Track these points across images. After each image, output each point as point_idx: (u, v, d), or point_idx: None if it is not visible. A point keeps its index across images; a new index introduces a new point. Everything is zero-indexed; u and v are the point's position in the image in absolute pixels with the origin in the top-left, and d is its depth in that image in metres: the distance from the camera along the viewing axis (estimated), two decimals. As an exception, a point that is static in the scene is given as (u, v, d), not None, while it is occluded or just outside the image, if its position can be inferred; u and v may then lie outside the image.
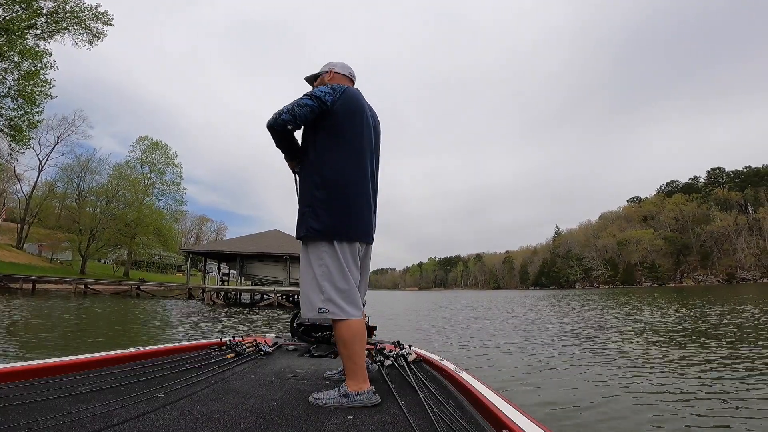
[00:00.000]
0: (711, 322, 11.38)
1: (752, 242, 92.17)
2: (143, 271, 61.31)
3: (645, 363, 6.18)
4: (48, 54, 27.00)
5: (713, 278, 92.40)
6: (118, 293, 32.07)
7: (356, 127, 1.96)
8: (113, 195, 46.13)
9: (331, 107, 1.88)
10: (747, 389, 4.59)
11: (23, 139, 28.50)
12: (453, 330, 11.38)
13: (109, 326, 10.91)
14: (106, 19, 28.23)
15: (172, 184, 52.82)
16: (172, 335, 9.57)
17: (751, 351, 6.89)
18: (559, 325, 11.92)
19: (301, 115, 1.84)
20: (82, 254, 44.36)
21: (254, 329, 11.07)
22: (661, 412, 3.90)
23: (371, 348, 3.07)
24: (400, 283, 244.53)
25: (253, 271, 28.35)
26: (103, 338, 8.61)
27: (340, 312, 1.77)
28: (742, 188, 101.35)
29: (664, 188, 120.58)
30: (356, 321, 1.81)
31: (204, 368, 2.17)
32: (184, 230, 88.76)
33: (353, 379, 1.75)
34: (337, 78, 2.16)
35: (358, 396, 1.71)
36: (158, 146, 52.29)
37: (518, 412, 1.32)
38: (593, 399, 4.37)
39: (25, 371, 1.72)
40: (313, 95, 1.88)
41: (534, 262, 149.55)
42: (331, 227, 1.83)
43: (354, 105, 1.96)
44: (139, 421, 1.31)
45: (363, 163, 1.96)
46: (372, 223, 2.01)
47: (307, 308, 1.84)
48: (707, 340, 8.24)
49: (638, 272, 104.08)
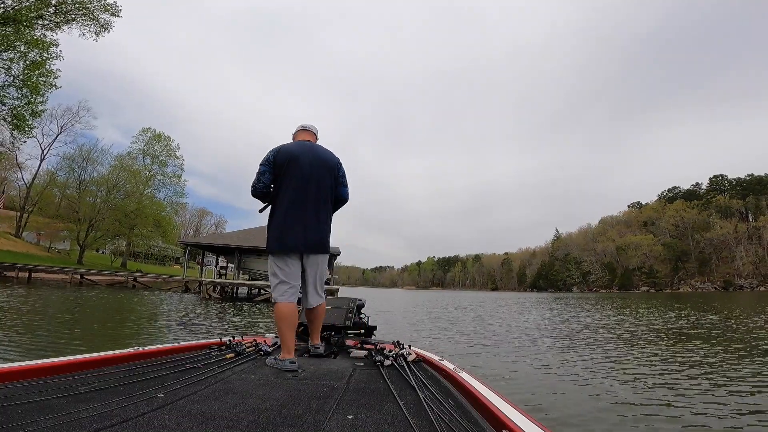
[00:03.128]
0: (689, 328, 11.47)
1: (751, 250, 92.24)
2: (141, 263, 61.33)
3: (626, 365, 6.21)
4: (55, 45, 27.05)
5: (710, 285, 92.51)
6: (114, 284, 32.12)
7: (292, 170, 2.75)
8: (114, 185, 46.13)
9: (273, 163, 2.78)
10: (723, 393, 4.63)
11: (26, 128, 28.52)
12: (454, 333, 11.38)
13: (97, 319, 10.92)
14: (114, 10, 28.13)
15: (173, 176, 53.06)
16: (160, 331, 9.57)
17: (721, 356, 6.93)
18: (553, 327, 12.00)
19: (257, 181, 2.81)
20: (80, 244, 44.38)
21: (246, 325, 11.07)
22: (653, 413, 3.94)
23: (371, 347, 3.06)
24: (398, 281, 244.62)
25: (250, 266, 28.39)
26: (80, 333, 8.59)
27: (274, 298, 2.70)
28: (744, 196, 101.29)
29: (666, 194, 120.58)
30: (282, 305, 2.62)
31: (204, 368, 2.16)
32: (184, 222, 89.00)
33: (281, 349, 2.54)
34: (295, 134, 3.06)
35: (281, 362, 2.34)
36: (161, 138, 52.44)
37: (518, 412, 1.32)
38: (581, 400, 4.42)
39: (24, 371, 1.72)
40: (260, 164, 2.82)
41: (532, 265, 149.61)
42: (268, 245, 2.75)
43: (285, 155, 2.78)
44: (138, 421, 1.30)
45: (297, 196, 2.72)
46: (308, 238, 2.71)
47: None
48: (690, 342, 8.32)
49: (636, 277, 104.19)
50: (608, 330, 11.80)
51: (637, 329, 12.01)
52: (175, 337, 8.36)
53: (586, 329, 12.05)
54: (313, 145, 2.92)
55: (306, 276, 2.79)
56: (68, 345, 6.70)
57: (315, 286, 2.83)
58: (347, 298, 3.75)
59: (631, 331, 11.43)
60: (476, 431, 1.31)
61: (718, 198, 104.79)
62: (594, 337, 10.34)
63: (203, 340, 3.04)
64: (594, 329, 12.03)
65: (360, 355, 2.83)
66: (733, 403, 4.46)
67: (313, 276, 2.81)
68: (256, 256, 27.84)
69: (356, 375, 2.28)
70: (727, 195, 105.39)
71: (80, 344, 6.83)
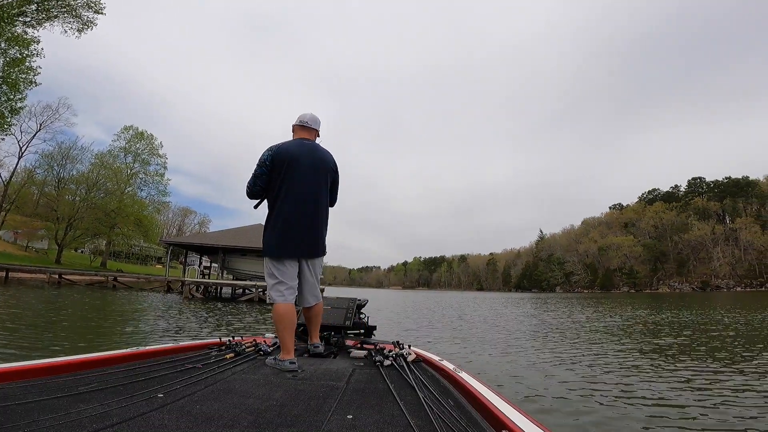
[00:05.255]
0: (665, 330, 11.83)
1: (728, 252, 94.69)
2: (122, 263, 60.17)
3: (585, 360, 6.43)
4: (36, 41, 26.56)
5: (688, 286, 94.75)
6: (93, 284, 31.48)
7: (292, 172, 2.70)
8: (94, 183, 45.26)
9: (270, 164, 2.71)
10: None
11: (4, 126, 27.85)
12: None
13: (75, 319, 10.75)
14: (97, 8, 27.77)
15: (156, 175, 52.18)
16: (134, 332, 9.48)
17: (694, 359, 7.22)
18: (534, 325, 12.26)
19: (253, 183, 2.76)
20: (59, 243, 43.42)
21: (225, 324, 11.03)
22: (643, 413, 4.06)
23: (371, 347, 3.08)
24: (384, 281, 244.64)
25: (235, 265, 28.06)
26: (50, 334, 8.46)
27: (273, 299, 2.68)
28: (721, 198, 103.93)
29: (646, 196, 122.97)
30: (281, 306, 2.60)
31: (203, 368, 2.16)
32: (167, 222, 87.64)
33: (281, 350, 2.52)
34: (294, 130, 2.97)
35: (281, 362, 2.35)
36: (143, 136, 51.52)
37: (518, 411, 1.33)
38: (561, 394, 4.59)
39: (24, 371, 1.72)
40: (257, 165, 2.74)
41: (517, 265, 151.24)
42: (264, 248, 2.72)
43: (283, 157, 2.71)
44: (138, 420, 1.31)
45: (296, 199, 2.69)
46: (306, 240, 2.71)
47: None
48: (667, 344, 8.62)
49: (616, 278, 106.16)
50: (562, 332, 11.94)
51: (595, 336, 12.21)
52: (155, 339, 8.30)
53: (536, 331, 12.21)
54: (313, 146, 2.87)
55: (303, 277, 2.80)
56: (41, 347, 6.59)
57: (311, 287, 2.84)
58: (347, 298, 3.73)
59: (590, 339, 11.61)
60: (476, 431, 1.32)
61: (696, 200, 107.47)
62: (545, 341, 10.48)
63: (203, 340, 3.04)
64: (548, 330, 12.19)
65: (360, 355, 2.84)
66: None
67: (310, 277, 2.82)
68: (240, 256, 27.54)
69: (356, 375, 2.28)
70: (705, 197, 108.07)
71: (55, 347, 6.73)
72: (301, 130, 2.93)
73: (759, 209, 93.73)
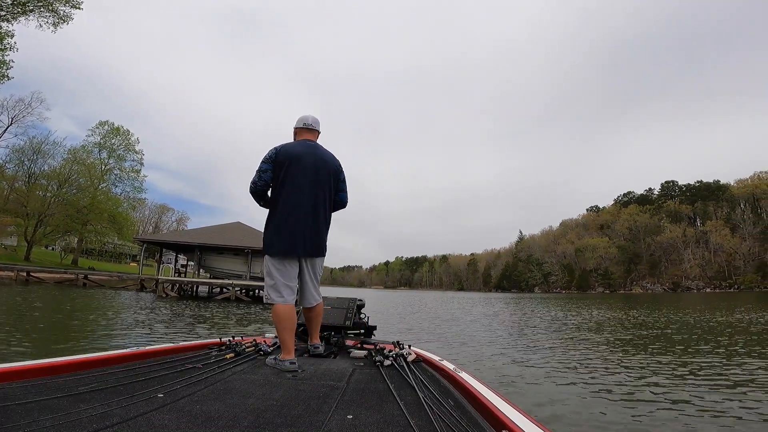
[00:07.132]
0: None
1: (698, 254, 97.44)
2: (94, 260, 58.60)
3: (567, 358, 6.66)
4: (10, 36, 25.99)
5: (660, 286, 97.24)
6: (63, 282, 30.67)
7: (294, 171, 2.71)
8: (66, 179, 44.01)
9: (274, 162, 2.74)
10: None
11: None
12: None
13: (38, 320, 10.51)
14: (74, 2, 27.11)
15: (132, 171, 51.14)
16: (105, 331, 9.34)
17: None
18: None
19: (258, 178, 2.77)
20: (28, 240, 42.02)
21: (191, 324, 10.94)
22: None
23: (371, 347, 3.10)
24: (366, 281, 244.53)
25: (212, 264, 27.69)
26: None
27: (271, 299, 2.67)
28: (693, 201, 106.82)
29: (621, 199, 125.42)
30: (280, 306, 2.61)
31: (203, 368, 2.16)
32: (143, 219, 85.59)
33: (281, 350, 2.53)
34: (297, 132, 3.00)
35: (281, 362, 2.36)
36: (119, 131, 50.39)
37: (518, 411, 1.33)
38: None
39: (24, 371, 1.71)
40: (262, 161, 2.77)
41: (497, 266, 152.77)
42: (265, 246, 2.72)
43: (286, 155, 2.74)
44: (138, 420, 1.30)
45: (298, 198, 2.70)
46: (307, 240, 2.71)
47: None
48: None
49: (592, 278, 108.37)
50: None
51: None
52: (124, 340, 8.20)
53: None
54: (316, 146, 2.90)
55: (303, 277, 2.80)
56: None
57: (312, 287, 2.84)
58: (347, 298, 3.73)
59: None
60: (476, 431, 1.32)
61: (669, 203, 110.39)
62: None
63: (203, 340, 3.04)
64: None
65: (360, 355, 2.84)
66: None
67: (310, 277, 2.83)
68: (217, 254, 27.20)
69: (356, 375, 2.29)
70: (677, 200, 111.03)
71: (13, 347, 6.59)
72: (305, 132, 2.97)
73: (729, 213, 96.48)
